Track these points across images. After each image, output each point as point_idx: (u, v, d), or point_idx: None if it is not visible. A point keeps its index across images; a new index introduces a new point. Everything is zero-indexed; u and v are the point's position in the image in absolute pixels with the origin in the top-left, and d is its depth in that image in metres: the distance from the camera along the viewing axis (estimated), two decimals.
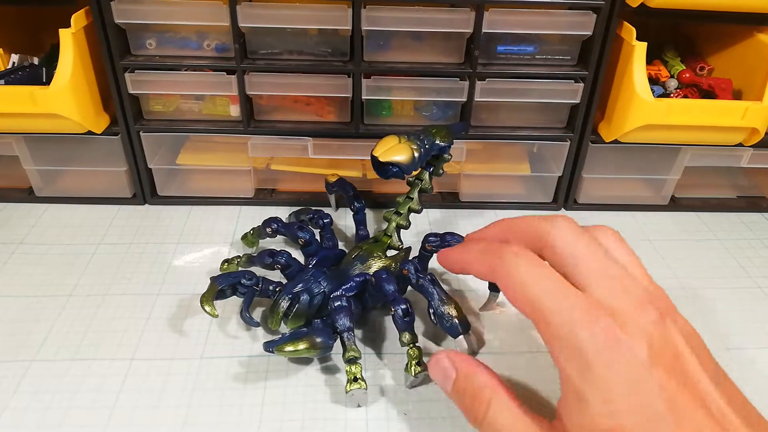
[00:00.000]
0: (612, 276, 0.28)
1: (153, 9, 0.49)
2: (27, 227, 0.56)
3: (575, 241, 0.29)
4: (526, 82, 0.54)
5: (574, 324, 0.26)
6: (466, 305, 0.48)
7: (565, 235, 0.29)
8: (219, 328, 0.45)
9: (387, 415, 0.38)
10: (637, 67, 0.51)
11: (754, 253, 0.56)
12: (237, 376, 0.41)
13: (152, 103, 0.56)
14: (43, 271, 0.50)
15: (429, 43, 0.53)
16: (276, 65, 0.53)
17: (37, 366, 0.41)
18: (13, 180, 0.60)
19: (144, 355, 0.42)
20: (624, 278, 0.28)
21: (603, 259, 0.28)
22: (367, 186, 0.61)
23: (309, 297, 0.42)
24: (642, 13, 0.51)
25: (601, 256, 0.28)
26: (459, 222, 0.60)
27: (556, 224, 0.30)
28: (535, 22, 0.51)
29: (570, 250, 0.29)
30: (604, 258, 0.28)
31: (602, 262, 0.28)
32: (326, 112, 0.57)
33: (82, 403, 0.39)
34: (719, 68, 0.61)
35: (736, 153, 0.58)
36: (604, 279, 0.27)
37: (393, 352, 0.43)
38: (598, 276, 0.27)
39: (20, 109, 0.51)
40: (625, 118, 0.53)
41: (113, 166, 0.58)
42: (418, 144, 0.46)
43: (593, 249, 0.29)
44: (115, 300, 0.47)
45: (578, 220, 0.63)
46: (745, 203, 0.63)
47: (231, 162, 0.59)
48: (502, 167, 0.61)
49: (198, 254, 0.53)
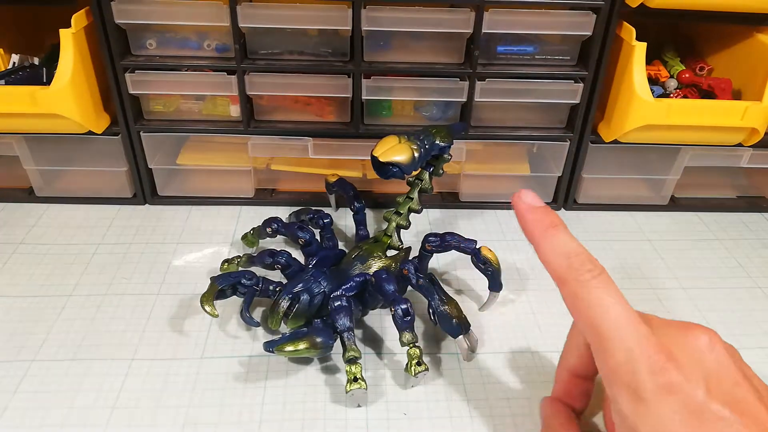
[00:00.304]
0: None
1: (153, 9, 0.49)
2: (27, 227, 0.56)
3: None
4: (526, 82, 0.54)
5: (635, 354, 0.26)
6: (466, 305, 0.48)
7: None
8: (219, 328, 0.45)
9: (387, 415, 0.38)
10: (636, 67, 0.51)
11: (754, 253, 0.56)
12: (237, 376, 0.41)
13: (152, 103, 0.56)
14: (43, 271, 0.50)
15: (429, 43, 0.53)
16: (276, 65, 0.53)
17: (37, 366, 0.41)
18: (13, 180, 0.60)
19: (144, 355, 0.42)
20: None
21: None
22: (367, 186, 0.61)
23: (309, 297, 0.42)
24: (642, 13, 0.51)
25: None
26: (459, 222, 0.60)
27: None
28: (535, 23, 0.51)
29: None
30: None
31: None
32: (326, 113, 0.57)
33: (82, 403, 0.39)
34: (719, 68, 0.61)
35: (735, 153, 0.58)
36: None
37: (393, 352, 0.43)
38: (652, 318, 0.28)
39: (21, 109, 0.51)
40: (624, 119, 0.53)
41: (113, 166, 0.58)
42: (418, 144, 0.46)
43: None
44: (115, 300, 0.47)
45: (578, 220, 0.63)
46: (745, 203, 0.63)
47: (231, 162, 0.59)
48: (502, 167, 0.61)
49: (198, 254, 0.53)
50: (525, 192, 0.32)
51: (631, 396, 0.25)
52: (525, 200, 0.32)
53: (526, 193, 0.32)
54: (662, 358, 0.25)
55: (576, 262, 0.29)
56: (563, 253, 0.29)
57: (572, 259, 0.29)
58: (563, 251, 0.29)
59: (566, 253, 0.29)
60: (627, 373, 0.26)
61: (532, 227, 0.31)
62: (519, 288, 0.51)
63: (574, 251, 0.29)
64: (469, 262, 0.46)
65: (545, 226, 0.31)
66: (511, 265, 0.53)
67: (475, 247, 0.45)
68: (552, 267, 0.30)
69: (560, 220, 0.31)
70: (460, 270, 0.52)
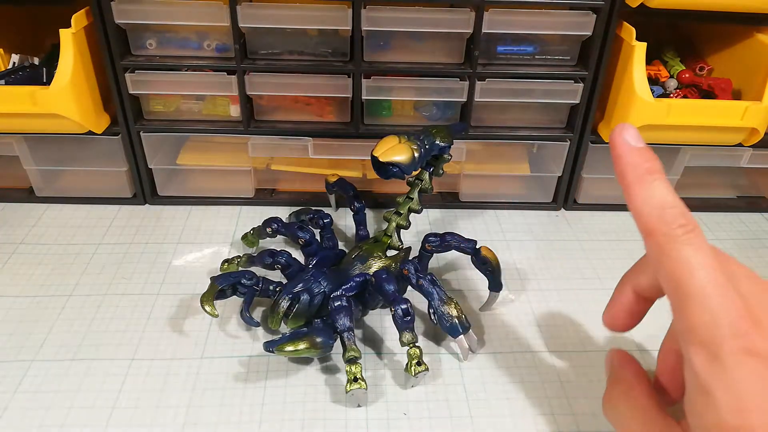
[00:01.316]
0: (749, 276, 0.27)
1: (153, 9, 0.49)
2: (27, 227, 0.56)
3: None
4: (526, 82, 0.54)
5: (720, 319, 0.24)
6: (466, 305, 0.48)
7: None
8: (219, 328, 0.45)
9: (387, 415, 0.38)
10: (636, 67, 0.51)
11: (754, 253, 0.56)
12: (237, 376, 0.41)
13: (152, 103, 0.56)
14: (43, 271, 0.50)
15: (429, 43, 0.53)
16: (276, 65, 0.53)
17: (37, 366, 0.41)
18: (13, 180, 0.60)
19: (144, 355, 0.42)
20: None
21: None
22: (367, 186, 0.61)
23: (309, 297, 0.42)
24: (642, 13, 0.51)
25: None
26: (459, 222, 0.60)
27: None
28: (535, 23, 0.51)
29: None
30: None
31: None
32: (326, 112, 0.57)
33: (83, 403, 0.39)
34: (719, 68, 0.61)
35: (735, 153, 0.58)
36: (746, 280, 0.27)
37: (393, 352, 0.43)
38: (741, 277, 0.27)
39: (21, 109, 0.51)
40: (624, 119, 0.53)
41: (113, 166, 0.58)
42: (418, 144, 0.46)
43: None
44: (115, 300, 0.47)
45: (578, 220, 0.63)
46: (745, 203, 0.63)
47: (231, 162, 0.59)
48: (502, 167, 0.61)
49: (198, 254, 0.53)
50: (626, 127, 0.30)
51: (708, 355, 0.24)
52: (625, 137, 0.29)
53: (628, 128, 0.29)
54: (747, 324, 0.24)
55: (669, 215, 0.27)
56: (657, 204, 0.27)
57: (666, 211, 0.27)
58: (658, 202, 0.27)
59: (661, 203, 0.27)
60: (707, 334, 0.24)
61: (626, 169, 0.29)
62: (519, 288, 0.51)
63: (669, 203, 0.27)
64: (469, 262, 0.46)
65: (642, 172, 0.28)
66: (511, 265, 0.53)
67: (475, 247, 0.45)
68: (642, 217, 0.27)
69: (660, 167, 0.29)
70: (460, 270, 0.52)
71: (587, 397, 0.40)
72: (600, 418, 0.39)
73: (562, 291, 0.50)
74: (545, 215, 0.61)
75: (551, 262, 0.54)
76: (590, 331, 0.46)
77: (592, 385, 0.41)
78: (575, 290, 0.50)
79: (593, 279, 0.52)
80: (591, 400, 0.40)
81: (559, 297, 0.50)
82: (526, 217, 0.61)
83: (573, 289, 0.51)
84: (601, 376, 0.42)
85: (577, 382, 0.42)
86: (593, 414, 0.39)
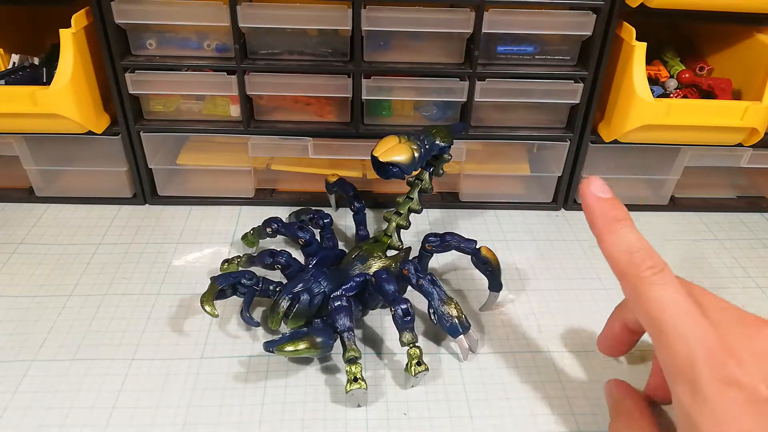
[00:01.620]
0: (723, 308, 0.29)
1: (153, 9, 0.49)
2: (27, 227, 0.56)
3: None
4: (526, 82, 0.54)
5: (695, 349, 0.26)
6: (466, 305, 0.48)
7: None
8: (219, 328, 0.45)
9: (387, 415, 0.38)
10: (636, 67, 0.51)
11: (754, 253, 0.56)
12: (237, 376, 0.41)
13: (152, 103, 0.56)
14: (43, 271, 0.50)
15: (429, 43, 0.53)
16: (276, 65, 0.53)
17: (37, 366, 0.41)
18: (13, 180, 0.60)
19: (144, 355, 0.42)
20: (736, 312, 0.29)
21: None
22: (367, 186, 0.61)
23: (309, 297, 0.42)
24: (642, 13, 0.51)
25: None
26: (459, 222, 0.60)
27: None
28: (535, 23, 0.51)
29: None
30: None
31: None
32: (326, 112, 0.57)
33: (82, 403, 0.39)
34: (719, 68, 0.61)
35: (735, 153, 0.58)
36: (719, 311, 0.29)
37: (393, 352, 0.43)
38: (713, 308, 0.29)
39: (21, 109, 0.51)
40: (624, 119, 0.53)
41: (113, 166, 0.58)
42: (418, 144, 0.46)
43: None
44: (115, 300, 0.47)
45: (578, 220, 0.63)
46: (745, 203, 0.63)
47: (231, 162, 0.59)
48: (502, 167, 0.61)
49: (198, 254, 0.53)
50: (594, 180, 0.32)
51: (690, 388, 0.25)
52: (592, 190, 0.32)
53: (595, 181, 0.32)
54: (722, 353, 0.25)
55: (638, 258, 0.29)
56: (626, 249, 0.30)
57: (634, 255, 0.29)
58: (626, 246, 0.30)
59: (628, 248, 0.29)
60: (686, 366, 0.26)
61: (596, 219, 0.31)
62: (519, 288, 0.51)
63: (636, 247, 0.30)
64: (469, 262, 0.46)
65: (610, 220, 0.31)
66: (511, 265, 0.53)
67: (475, 247, 0.45)
68: (614, 261, 0.30)
69: (626, 214, 0.31)
70: (460, 270, 0.52)
71: (587, 397, 0.40)
72: (600, 417, 0.39)
73: (562, 291, 0.50)
74: (545, 215, 0.61)
75: (551, 262, 0.54)
76: (590, 331, 0.46)
77: (592, 385, 0.41)
78: (575, 290, 0.50)
79: (593, 279, 0.52)
80: (591, 400, 0.40)
81: (559, 297, 0.50)
82: (526, 217, 0.61)
83: (573, 289, 0.51)
84: (602, 376, 0.42)
85: (577, 382, 0.42)
86: (593, 414, 0.39)
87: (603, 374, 0.42)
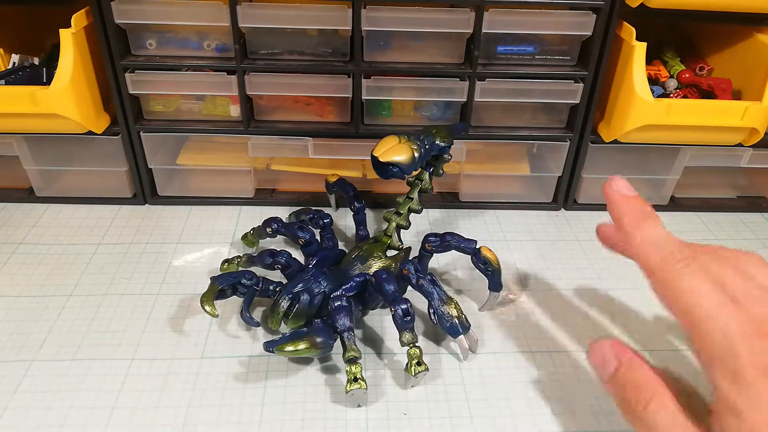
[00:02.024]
0: (759, 296, 0.28)
1: (153, 9, 0.49)
2: (27, 227, 0.56)
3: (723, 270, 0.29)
4: (526, 82, 0.54)
5: (732, 337, 0.26)
6: (466, 305, 0.48)
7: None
8: (219, 328, 0.45)
9: (387, 415, 0.38)
10: (636, 67, 0.51)
11: None
12: (237, 376, 0.41)
13: (152, 103, 0.56)
14: (43, 271, 0.50)
15: (429, 43, 0.53)
16: (276, 65, 0.53)
17: (37, 366, 0.41)
18: (13, 180, 0.60)
19: (144, 355, 0.42)
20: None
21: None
22: (367, 186, 0.61)
23: (309, 297, 0.42)
24: (642, 13, 0.51)
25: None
26: (459, 222, 0.60)
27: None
28: (535, 22, 0.51)
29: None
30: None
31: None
32: (326, 112, 0.57)
33: (82, 403, 0.39)
34: (719, 68, 0.61)
35: (735, 153, 0.58)
36: (755, 300, 0.27)
37: (393, 352, 0.43)
38: (749, 297, 0.27)
39: (21, 109, 0.51)
40: (624, 119, 0.53)
41: (113, 166, 0.58)
42: (418, 144, 0.46)
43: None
44: (115, 300, 0.47)
45: (578, 220, 0.63)
46: (745, 203, 0.63)
47: (231, 162, 0.59)
48: (502, 167, 0.61)
49: (198, 254, 0.53)
50: (617, 180, 0.33)
51: (731, 376, 0.25)
52: (617, 189, 0.33)
53: (618, 181, 0.33)
54: (760, 341, 0.25)
55: (668, 252, 0.29)
56: (656, 243, 0.30)
57: (665, 249, 0.29)
58: (656, 241, 0.30)
59: (659, 242, 0.30)
60: (725, 355, 0.25)
61: (624, 216, 0.32)
62: (519, 288, 0.51)
63: (666, 241, 0.30)
64: (469, 262, 0.46)
65: (638, 217, 0.31)
66: (511, 265, 0.53)
67: (475, 247, 0.45)
68: (643, 258, 0.30)
69: (652, 211, 0.31)
70: (460, 270, 0.52)
71: (587, 397, 0.40)
72: (600, 417, 0.39)
73: (562, 291, 0.50)
74: (545, 215, 0.61)
75: (551, 262, 0.54)
76: (590, 331, 0.46)
77: (592, 385, 0.41)
78: (575, 290, 0.50)
79: (593, 279, 0.52)
80: (591, 400, 0.40)
81: (559, 297, 0.50)
82: (526, 217, 0.61)
83: (573, 289, 0.51)
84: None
85: (577, 382, 0.42)
86: (593, 414, 0.39)
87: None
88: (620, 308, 0.48)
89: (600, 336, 0.46)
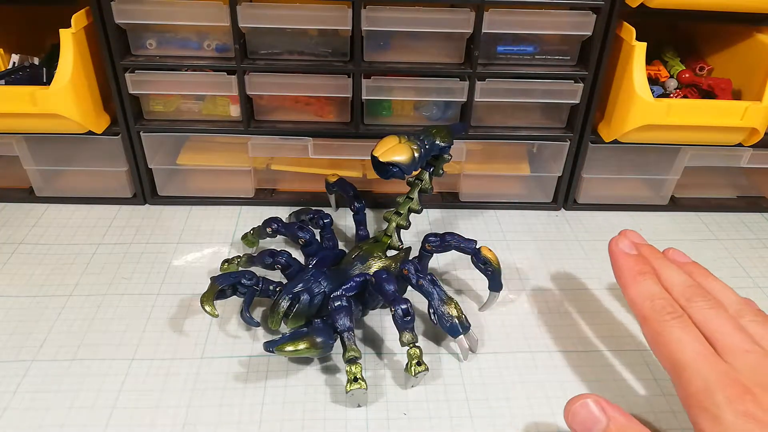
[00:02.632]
0: (747, 350, 0.30)
1: (153, 9, 0.49)
2: (27, 227, 0.56)
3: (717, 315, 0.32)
4: (526, 82, 0.54)
5: (714, 390, 0.28)
6: (466, 305, 0.48)
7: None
8: (219, 328, 0.45)
9: (387, 415, 0.38)
10: (636, 67, 0.51)
11: (754, 253, 0.56)
12: (237, 376, 0.41)
13: (152, 103, 0.56)
14: (43, 271, 0.50)
15: (429, 43, 0.53)
16: (276, 65, 0.53)
17: (37, 366, 0.41)
18: (13, 180, 0.60)
19: (144, 355, 0.42)
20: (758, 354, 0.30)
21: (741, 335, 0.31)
22: (367, 186, 0.61)
23: (309, 297, 0.42)
24: (642, 13, 0.51)
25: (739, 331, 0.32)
26: (459, 222, 0.60)
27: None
28: (535, 23, 0.51)
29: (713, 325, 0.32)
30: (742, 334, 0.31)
31: (741, 338, 0.31)
32: (326, 112, 0.57)
33: (82, 403, 0.39)
34: (719, 68, 0.61)
35: (735, 153, 0.58)
36: (742, 354, 0.30)
37: (393, 352, 0.43)
38: (736, 351, 0.30)
39: (20, 109, 0.51)
40: (624, 119, 0.53)
41: (113, 166, 0.58)
42: (418, 144, 0.46)
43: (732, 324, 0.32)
44: (115, 300, 0.47)
45: (578, 220, 0.63)
46: (745, 203, 0.63)
47: (231, 162, 0.59)
48: (502, 167, 0.61)
49: (198, 254, 0.53)
50: (622, 238, 0.38)
51: (711, 417, 0.27)
52: (622, 248, 0.37)
53: (623, 239, 0.38)
54: (738, 390, 0.27)
55: (659, 305, 0.33)
56: (648, 296, 0.34)
57: (655, 302, 0.33)
58: (648, 294, 0.34)
59: (651, 296, 0.34)
60: (705, 399, 0.28)
61: (622, 272, 0.36)
62: (519, 288, 0.51)
63: (657, 295, 0.34)
64: (469, 262, 0.46)
65: (635, 273, 0.35)
66: (511, 265, 0.53)
67: (475, 247, 0.45)
68: (637, 307, 0.34)
69: (649, 268, 0.36)
70: (460, 270, 0.52)
71: None
72: None
73: (562, 291, 0.50)
74: (545, 215, 0.61)
75: (551, 262, 0.54)
76: (590, 331, 0.46)
77: (592, 385, 0.41)
78: (575, 290, 0.50)
79: (593, 279, 0.52)
80: None
81: (559, 297, 0.50)
82: (526, 217, 0.61)
83: (573, 289, 0.51)
84: (602, 376, 0.42)
85: (577, 382, 0.42)
86: None
87: (603, 374, 0.42)
88: (620, 308, 0.48)
89: (600, 336, 0.46)
